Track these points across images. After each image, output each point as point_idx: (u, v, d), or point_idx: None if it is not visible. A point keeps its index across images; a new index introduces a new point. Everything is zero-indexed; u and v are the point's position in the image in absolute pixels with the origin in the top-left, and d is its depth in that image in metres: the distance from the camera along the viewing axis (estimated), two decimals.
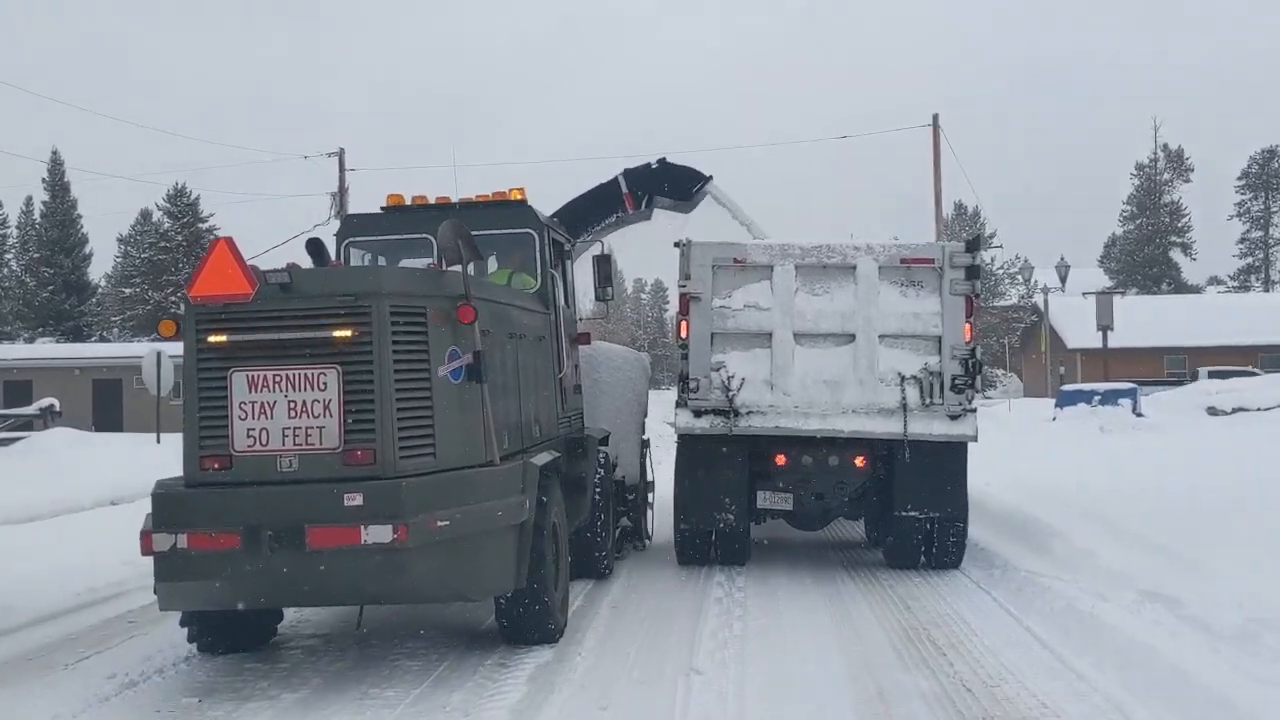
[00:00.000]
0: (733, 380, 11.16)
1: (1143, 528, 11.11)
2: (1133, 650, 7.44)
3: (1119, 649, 7.55)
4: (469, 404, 7.72)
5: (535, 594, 8.15)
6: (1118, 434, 26.26)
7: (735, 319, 11.34)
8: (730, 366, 11.27)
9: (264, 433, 7.24)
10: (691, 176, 14.38)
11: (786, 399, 11.14)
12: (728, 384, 11.15)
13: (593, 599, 10.15)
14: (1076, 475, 16.47)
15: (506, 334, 8.72)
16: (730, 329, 11.35)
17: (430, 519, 7.12)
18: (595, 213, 13.71)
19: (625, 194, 13.98)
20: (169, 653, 8.46)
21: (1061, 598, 8.99)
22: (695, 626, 8.85)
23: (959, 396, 11.00)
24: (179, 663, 8.31)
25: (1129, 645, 7.54)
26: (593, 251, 12.22)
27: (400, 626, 9.14)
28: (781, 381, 11.19)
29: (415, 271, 7.63)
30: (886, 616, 9.14)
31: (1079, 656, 7.69)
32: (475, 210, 10.62)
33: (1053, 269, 40.95)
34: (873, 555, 12.73)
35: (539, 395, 9.69)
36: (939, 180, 35.66)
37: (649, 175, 14.11)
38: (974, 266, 11.13)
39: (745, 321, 11.34)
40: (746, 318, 11.33)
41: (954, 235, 63.44)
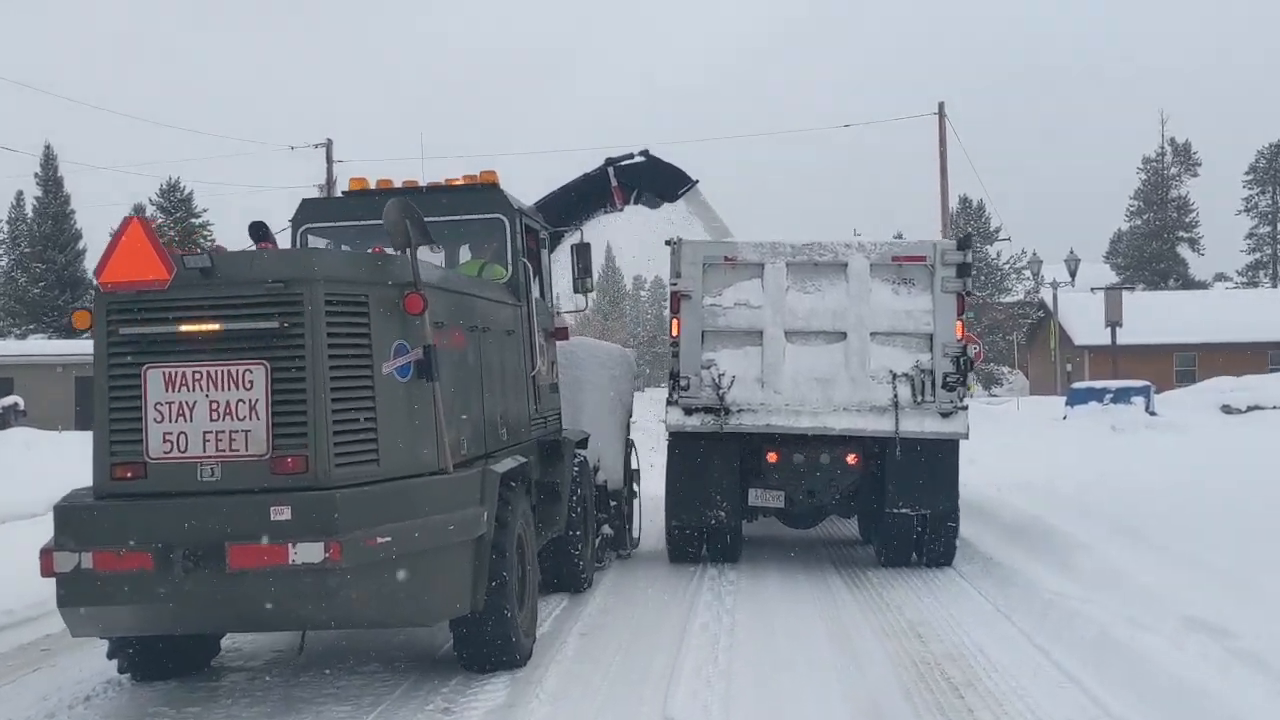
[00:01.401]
0: (723, 378, 11.07)
1: (1179, 541, 10.15)
2: (1180, 691, 6.45)
3: (1163, 689, 6.57)
4: (418, 405, 6.76)
5: (496, 617, 7.20)
6: (1131, 434, 25.28)
7: (726, 317, 11.25)
8: (721, 364, 11.19)
9: (182, 437, 6.29)
10: (679, 178, 13.53)
11: (778, 397, 11.05)
12: (718, 382, 11.05)
13: (567, 617, 9.20)
14: (1095, 479, 15.51)
15: (466, 327, 7.76)
16: (721, 327, 11.25)
17: (368, 535, 6.16)
18: (585, 206, 12.77)
19: (615, 187, 13.04)
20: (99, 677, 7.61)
21: (1093, 624, 8.00)
22: (677, 655, 7.86)
23: (950, 394, 10.95)
24: (109, 689, 7.44)
25: (1175, 685, 6.56)
26: (571, 240, 11.27)
27: (350, 650, 8.19)
28: (773, 379, 11.10)
29: (355, 255, 6.70)
30: (895, 648, 8.14)
31: (1116, 697, 6.71)
32: (443, 194, 9.70)
33: (1061, 264, 39.83)
34: (867, 555, 12.07)
35: (507, 395, 8.73)
36: (945, 171, 34.71)
37: (639, 170, 13.25)
38: (966, 264, 11.05)
39: (736, 319, 11.25)
40: (737, 315, 11.25)
41: (960, 229, 62.46)
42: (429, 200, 9.60)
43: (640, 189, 13.24)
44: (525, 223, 9.82)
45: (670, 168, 13.40)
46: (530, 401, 9.54)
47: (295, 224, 9.67)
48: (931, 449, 11.00)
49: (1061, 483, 15.30)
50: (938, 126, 34.88)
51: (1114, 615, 8.13)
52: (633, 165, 13.22)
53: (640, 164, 13.21)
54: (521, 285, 9.46)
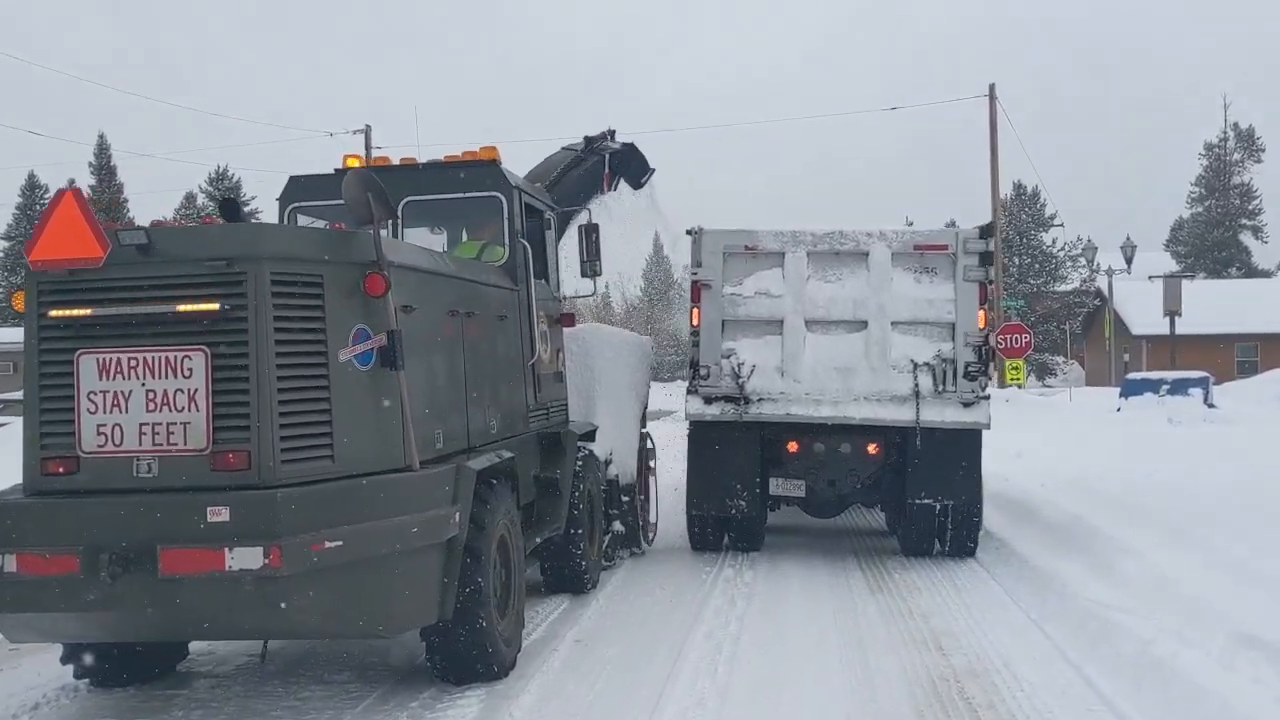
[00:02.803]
0: (743, 367, 11.00)
1: (1235, 545, 9.31)
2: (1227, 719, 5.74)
3: (1209, 717, 5.85)
4: (380, 395, 6.17)
5: (470, 626, 6.62)
6: (1188, 427, 24.21)
7: (746, 306, 11.18)
8: (741, 353, 11.11)
9: (117, 430, 5.75)
10: (645, 166, 13.02)
11: (797, 386, 10.98)
12: (738, 371, 10.98)
13: (564, 620, 8.61)
14: (1145, 475, 14.63)
15: (445, 311, 7.16)
16: (741, 316, 11.19)
17: (315, 539, 5.58)
18: (584, 192, 12.14)
19: (606, 173, 12.44)
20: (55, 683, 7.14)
21: (1133, 639, 7.25)
22: (673, 667, 7.24)
23: (972, 384, 10.82)
24: (62, 696, 7.00)
25: (1222, 713, 5.83)
26: (579, 221, 10.66)
27: (326, 657, 7.64)
28: (793, 368, 11.02)
29: (308, 231, 6.15)
30: (912, 661, 7.44)
31: None
32: (440, 171, 9.17)
33: (1117, 251, 38.56)
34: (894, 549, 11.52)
35: (498, 384, 8.15)
36: (995, 155, 33.68)
37: (623, 158, 12.70)
38: (988, 253, 11.01)
39: (756, 309, 11.17)
40: (757, 305, 11.17)
41: (1013, 217, 61.05)
42: (426, 178, 9.11)
43: (622, 176, 12.66)
44: (526, 201, 9.24)
45: (641, 154, 12.89)
46: (529, 392, 8.96)
47: (283, 202, 9.17)
48: (953, 439, 10.82)
49: (1110, 479, 14.44)
50: (988, 109, 33.86)
51: (1157, 629, 7.37)
52: (623, 153, 12.67)
53: (624, 152, 12.62)
54: (519, 267, 8.88)
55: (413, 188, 8.97)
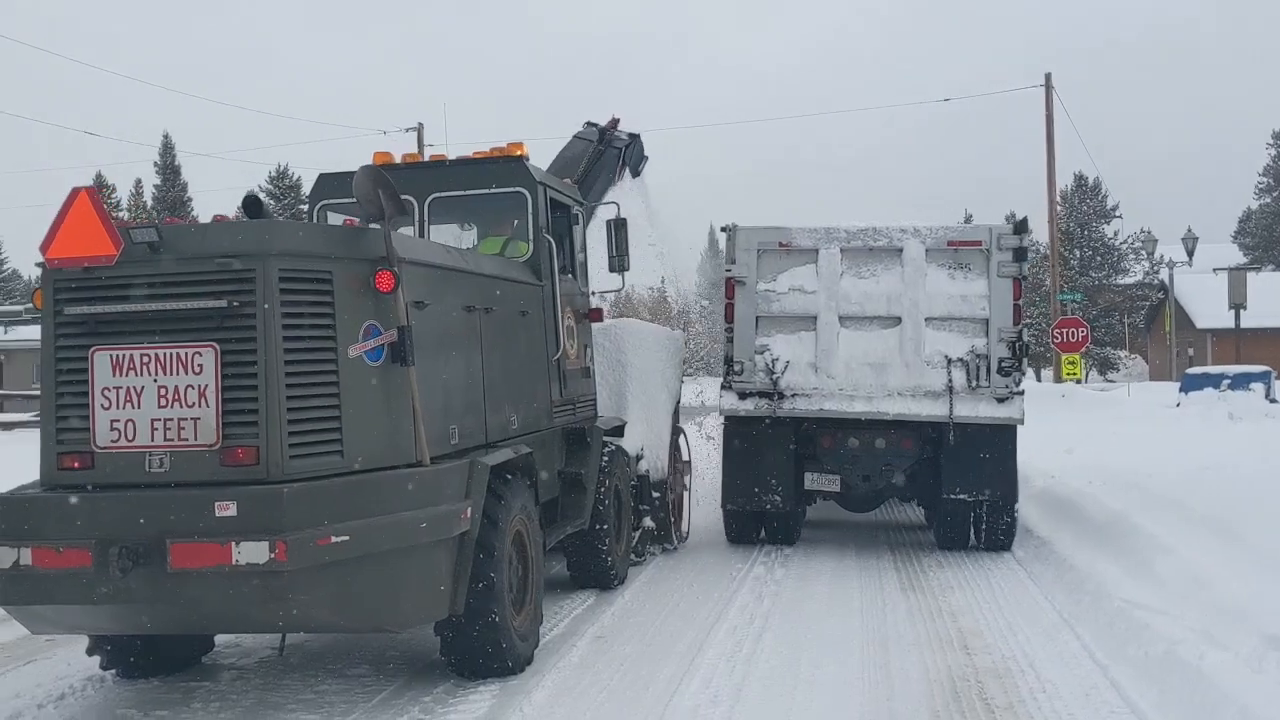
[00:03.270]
0: (777, 363, 11.09)
1: (1275, 544, 9.07)
2: None
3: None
4: (391, 391, 6.19)
5: (483, 621, 6.63)
6: (1249, 422, 23.62)
7: (780, 302, 11.28)
8: (775, 349, 11.21)
9: (130, 425, 5.82)
10: (643, 153, 12.89)
11: (831, 381, 11.07)
12: (772, 367, 11.07)
13: (587, 617, 8.60)
14: (1197, 473, 14.28)
15: (462, 307, 7.17)
16: (775, 312, 11.29)
17: (321, 534, 5.62)
18: (604, 186, 12.11)
19: (619, 166, 12.40)
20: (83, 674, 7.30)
21: (1161, 640, 7.07)
22: (691, 664, 7.20)
23: (1006, 379, 10.88)
24: (89, 687, 7.13)
25: (1241, 717, 5.67)
26: (605, 216, 10.63)
27: (346, 650, 7.71)
28: (826, 364, 11.10)
29: (318, 228, 6.17)
30: (936, 662, 7.31)
31: None
32: (465, 168, 9.20)
33: (1180, 243, 37.75)
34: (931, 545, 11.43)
35: (520, 380, 8.15)
36: (1052, 146, 33.12)
37: (630, 149, 12.55)
38: (1022, 249, 11.01)
39: (790, 305, 11.27)
40: (791, 301, 11.26)
41: (1073, 209, 60.02)
42: (451, 174, 9.14)
43: (626, 164, 12.58)
44: (551, 197, 9.22)
45: (641, 142, 12.79)
46: (554, 387, 8.95)
47: (313, 200, 9.26)
48: (987, 434, 10.87)
49: (1160, 476, 14.10)
50: (1044, 99, 33.30)
51: (1187, 629, 7.19)
52: (632, 146, 12.58)
53: (631, 139, 12.53)
54: (544, 263, 8.87)
55: (439, 184, 9.00)
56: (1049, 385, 32.30)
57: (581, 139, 12.09)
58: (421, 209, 8.96)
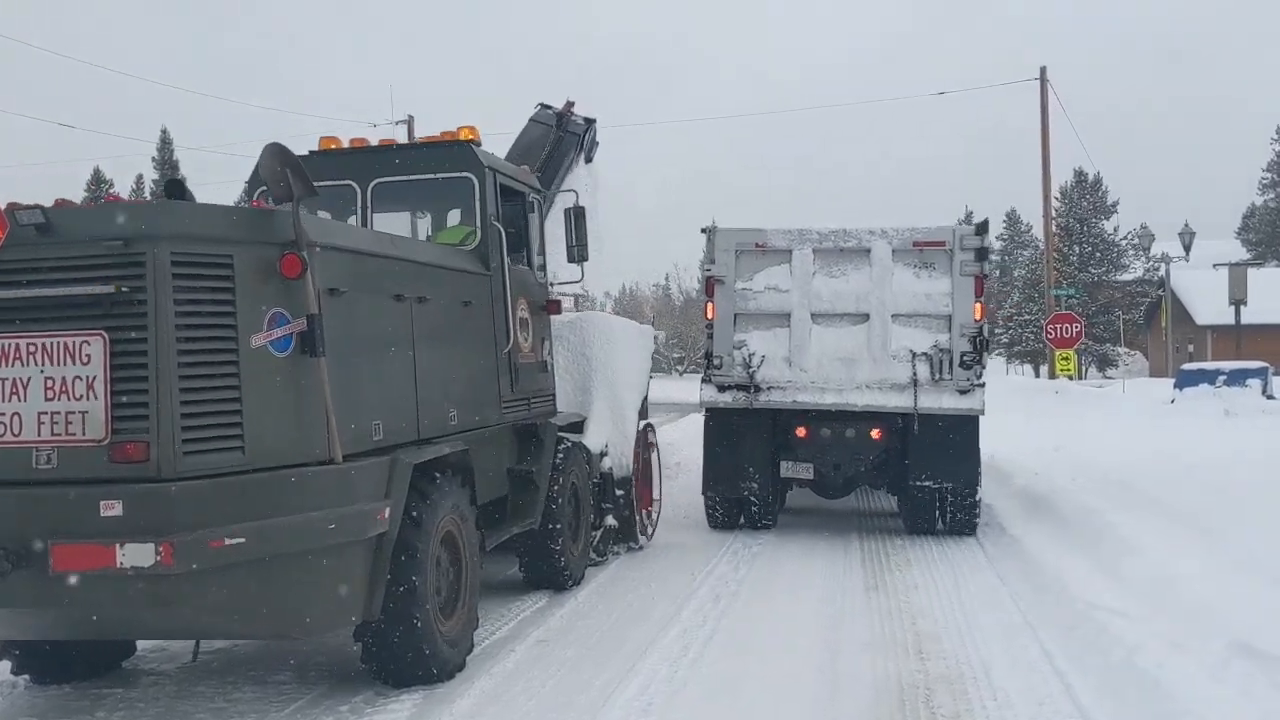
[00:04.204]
0: (753, 358, 11.57)
1: (1259, 547, 8.70)
2: None
3: None
4: (299, 384, 5.84)
5: (404, 626, 6.29)
6: (1245, 419, 23.21)
7: (756, 300, 11.75)
8: (751, 345, 11.67)
9: (16, 419, 5.47)
10: (595, 139, 12.61)
11: (804, 375, 11.54)
12: (749, 361, 11.55)
13: (535, 619, 8.26)
14: (1185, 471, 13.91)
15: (389, 295, 6.81)
16: (752, 310, 11.76)
17: (213, 535, 5.27)
18: (563, 173, 11.79)
19: (576, 152, 12.07)
20: None
21: (1123, 645, 6.73)
22: (630, 670, 6.85)
23: (968, 372, 11.33)
24: None
25: None
26: (564, 204, 10.29)
27: (273, 655, 7.35)
28: (799, 359, 11.57)
29: (218, 209, 5.77)
30: (886, 668, 6.96)
31: None
32: (411, 153, 8.90)
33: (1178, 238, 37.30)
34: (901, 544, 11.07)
35: (462, 374, 7.80)
36: (1046, 141, 32.75)
37: (587, 134, 12.28)
38: (983, 249, 11.43)
39: (766, 303, 11.74)
40: (767, 299, 11.73)
41: (1073, 204, 59.58)
42: (396, 159, 8.81)
43: (582, 150, 12.27)
44: (502, 183, 8.89)
45: (595, 128, 12.49)
46: (504, 381, 8.60)
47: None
48: (951, 425, 11.36)
49: (1146, 473, 13.77)
50: (1039, 93, 32.90)
51: (1151, 633, 6.86)
52: (589, 132, 12.29)
53: (587, 124, 12.24)
54: (492, 251, 8.53)
55: (383, 170, 8.67)
56: (1042, 381, 31.86)
57: (538, 123, 11.77)
58: (365, 195, 8.64)
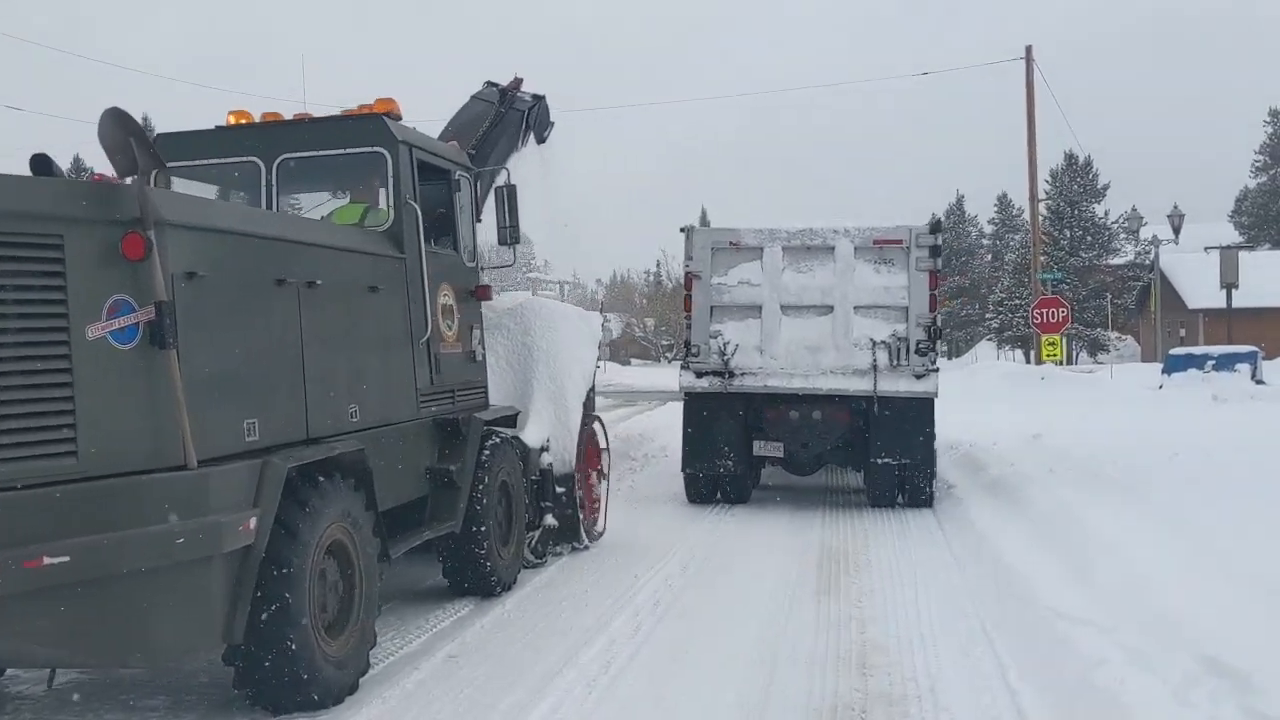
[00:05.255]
0: (728, 346, 12.56)
1: (1237, 543, 8.08)
2: None
3: None
4: (148, 380, 5.19)
5: (277, 649, 5.64)
6: (1234, 404, 22.59)
7: (730, 294, 12.80)
8: (726, 334, 12.68)
9: None
10: (548, 119, 12.01)
11: (774, 362, 12.56)
12: (724, 349, 12.54)
13: (452, 631, 7.60)
14: (1168, 459, 13.29)
15: (268, 279, 6.14)
16: (726, 302, 12.81)
17: (28, 554, 4.64)
18: (506, 152, 11.13)
19: (522, 130, 11.40)
20: None
21: (1081, 660, 6.11)
22: (539, 694, 6.21)
23: (923, 359, 12.38)
24: None
25: None
26: (497, 183, 9.64)
27: (151, 677, 6.70)
28: (770, 347, 12.60)
29: (44, 183, 5.13)
30: (823, 686, 6.34)
31: None
32: (320, 127, 8.25)
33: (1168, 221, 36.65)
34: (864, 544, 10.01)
35: (367, 366, 7.14)
36: (1032, 122, 32.12)
37: (536, 112, 11.64)
38: (936, 246, 12.50)
39: (739, 296, 12.78)
40: (740, 292, 12.78)
41: (1063, 188, 58.92)
42: (304, 134, 8.15)
43: (530, 129, 11.59)
44: (421, 159, 8.24)
45: (547, 106, 11.88)
46: (421, 373, 7.96)
47: None
48: (908, 406, 12.33)
49: (1127, 462, 13.15)
50: (1025, 73, 32.24)
51: (1114, 646, 6.23)
52: (541, 110, 11.66)
53: (536, 101, 11.58)
54: (407, 233, 7.87)
55: (290, 145, 8.02)
56: (1029, 367, 31.25)
57: (480, 100, 11.10)
58: (270, 172, 7.99)
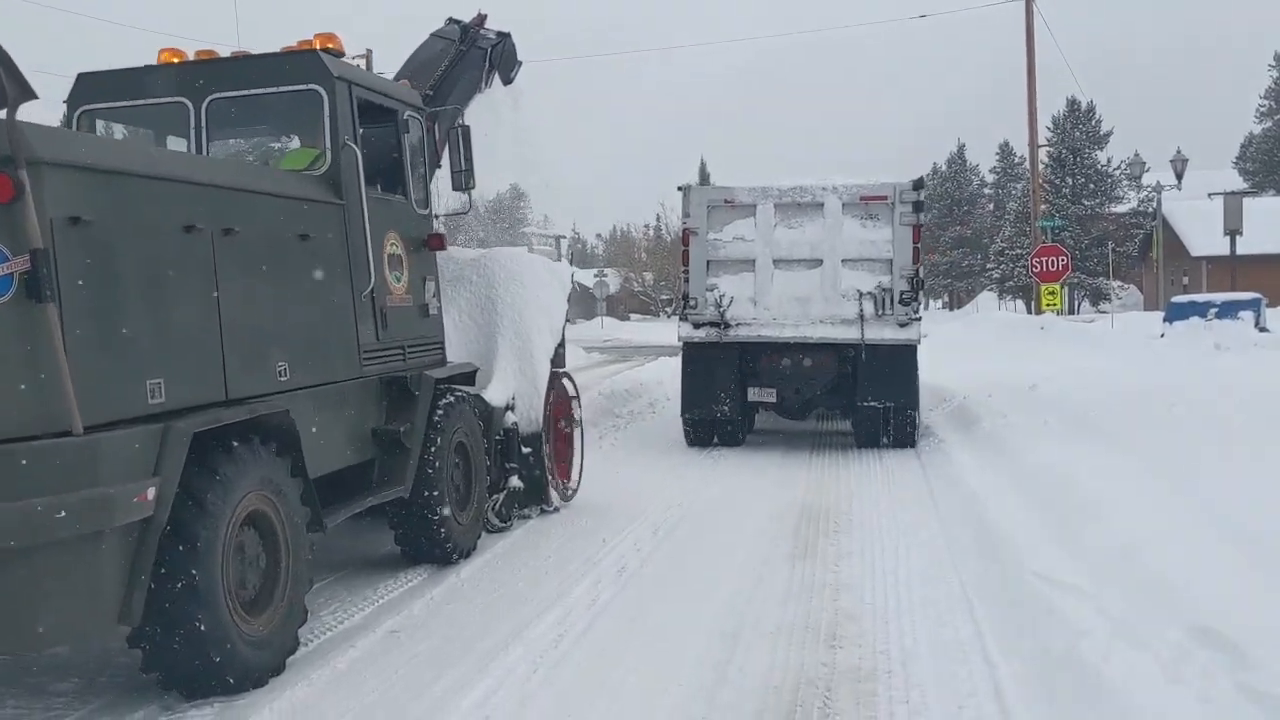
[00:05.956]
0: (723, 298, 13.31)
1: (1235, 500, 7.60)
2: None
3: None
4: (24, 337, 4.68)
5: (184, 630, 5.17)
6: (1236, 352, 22.03)
7: (726, 249, 13.55)
8: (721, 288, 13.41)
9: None
10: (515, 58, 11.36)
11: (766, 313, 13.29)
12: (720, 301, 13.30)
13: (397, 604, 7.13)
14: (1165, 411, 12.80)
15: (175, 225, 5.60)
16: (722, 257, 13.55)
17: None
18: (468, 93, 10.53)
19: (485, 68, 10.78)
20: None
21: (1067, 631, 5.63)
22: (482, 670, 5.76)
23: (906, 309, 13.03)
24: None
25: None
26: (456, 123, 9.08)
27: (76, 661, 6.25)
28: (763, 299, 13.32)
29: None
30: (788, 659, 5.88)
31: None
32: (252, 64, 7.68)
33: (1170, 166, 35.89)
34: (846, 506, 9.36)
35: (298, 320, 6.64)
36: (1032, 67, 31.33)
37: (500, 50, 10.97)
38: (919, 202, 13.15)
39: (733, 251, 13.53)
40: (735, 248, 13.53)
41: (1064, 134, 58.03)
42: (236, 72, 7.59)
43: (495, 68, 10.97)
44: (363, 97, 7.68)
45: (513, 44, 11.23)
46: (365, 328, 7.45)
47: (72, 105, 7.68)
48: (892, 353, 13.00)
49: (1124, 413, 12.67)
50: (1024, 14, 31.41)
51: (1101, 613, 5.77)
52: (505, 49, 11.01)
53: (500, 39, 10.93)
54: (346, 177, 7.32)
55: (220, 84, 7.46)
56: (1028, 317, 30.68)
57: (440, 37, 10.49)
58: (199, 113, 7.43)
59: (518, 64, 11.33)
